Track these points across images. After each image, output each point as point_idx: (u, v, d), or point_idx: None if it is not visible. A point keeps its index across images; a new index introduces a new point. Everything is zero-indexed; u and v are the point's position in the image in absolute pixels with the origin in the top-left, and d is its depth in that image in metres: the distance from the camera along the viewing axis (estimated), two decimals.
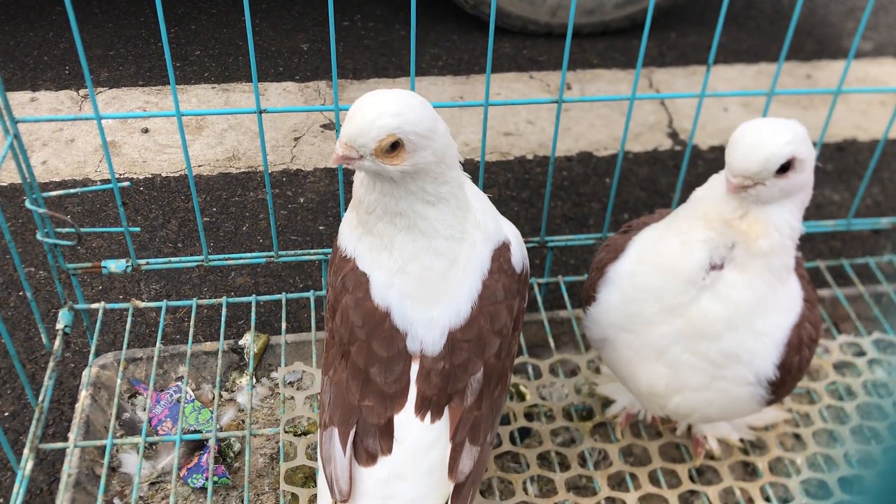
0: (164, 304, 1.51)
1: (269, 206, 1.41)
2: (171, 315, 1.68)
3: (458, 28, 2.65)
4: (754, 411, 1.22)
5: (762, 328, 1.12)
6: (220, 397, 1.47)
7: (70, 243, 1.36)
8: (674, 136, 2.29)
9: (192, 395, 1.45)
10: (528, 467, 1.33)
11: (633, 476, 1.33)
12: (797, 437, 1.43)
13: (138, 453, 1.32)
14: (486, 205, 1.04)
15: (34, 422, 1.28)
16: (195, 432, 1.38)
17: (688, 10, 2.85)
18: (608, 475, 1.33)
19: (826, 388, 1.50)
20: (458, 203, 0.98)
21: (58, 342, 1.40)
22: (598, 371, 1.50)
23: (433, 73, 2.42)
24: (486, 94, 1.34)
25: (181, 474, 1.34)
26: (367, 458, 0.98)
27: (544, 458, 1.37)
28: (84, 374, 1.41)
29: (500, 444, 1.36)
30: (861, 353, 1.58)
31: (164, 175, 2.02)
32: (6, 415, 1.48)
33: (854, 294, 1.66)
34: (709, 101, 2.40)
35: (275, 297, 1.57)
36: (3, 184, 1.94)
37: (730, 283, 1.10)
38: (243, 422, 1.43)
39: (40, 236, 1.34)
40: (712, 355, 1.13)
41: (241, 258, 1.50)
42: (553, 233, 1.93)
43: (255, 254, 1.50)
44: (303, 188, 2.02)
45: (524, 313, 1.09)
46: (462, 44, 2.58)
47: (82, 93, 2.25)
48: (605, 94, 2.44)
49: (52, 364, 1.37)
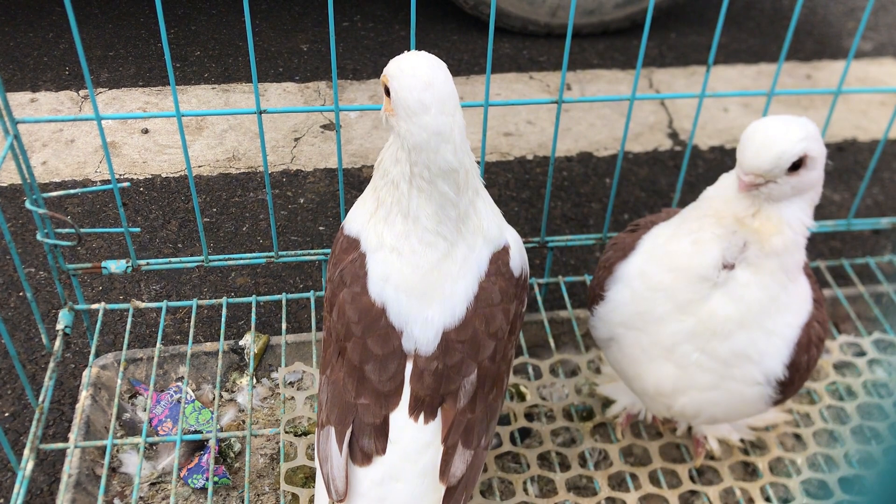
0: (164, 304, 1.51)
1: (269, 206, 1.41)
2: (172, 315, 1.68)
3: (458, 28, 2.65)
4: (761, 412, 1.22)
5: (773, 327, 1.12)
6: (221, 398, 1.47)
7: (70, 244, 1.36)
8: (674, 136, 2.29)
9: (192, 395, 1.45)
10: (529, 467, 1.33)
11: (634, 476, 1.34)
12: (797, 437, 1.43)
13: (139, 454, 1.32)
14: (493, 212, 1.04)
15: (34, 422, 1.28)
16: (195, 433, 1.38)
17: (688, 10, 2.85)
18: (608, 475, 1.33)
19: (826, 388, 1.50)
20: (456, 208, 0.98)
21: (58, 343, 1.40)
22: (598, 371, 1.50)
23: None
24: (486, 94, 1.34)
25: (181, 475, 1.35)
26: (362, 457, 0.98)
27: (545, 459, 1.37)
28: (84, 374, 1.41)
29: (500, 444, 1.36)
30: (861, 353, 1.58)
31: (164, 175, 2.02)
32: (6, 415, 1.48)
33: (854, 294, 1.66)
34: (709, 102, 2.40)
35: (275, 297, 1.57)
36: (3, 184, 1.94)
37: (743, 283, 1.10)
38: (244, 422, 1.43)
39: (40, 237, 1.34)
40: (722, 354, 1.13)
41: (241, 258, 1.50)
42: (553, 233, 1.93)
43: (256, 254, 1.50)
44: (303, 189, 2.02)
45: (523, 317, 1.09)
46: (462, 44, 2.58)
47: (82, 93, 2.25)
48: (604, 95, 2.44)
49: (52, 364, 1.37)
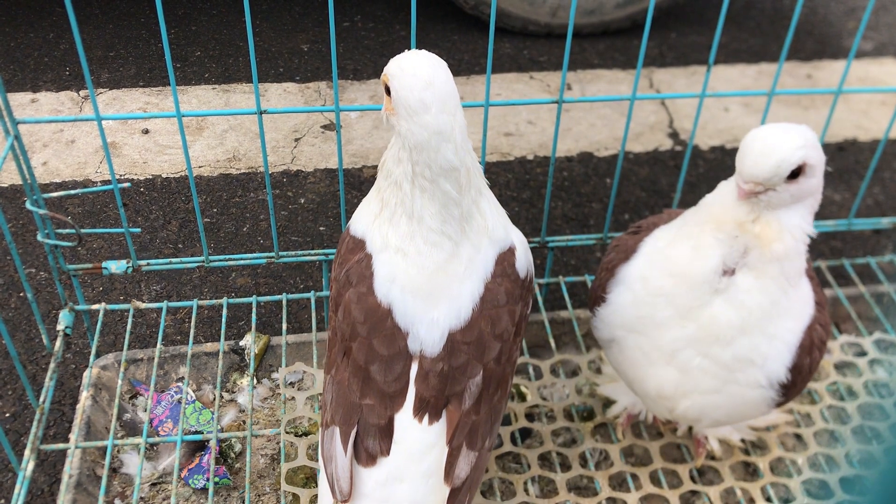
0: (164, 304, 1.51)
1: (270, 206, 1.41)
2: (172, 316, 1.68)
3: (459, 28, 2.65)
4: (763, 414, 1.22)
5: (775, 332, 1.12)
6: (221, 398, 1.47)
7: (71, 244, 1.36)
8: (674, 136, 2.29)
9: (192, 395, 1.45)
10: (530, 468, 1.33)
11: (635, 476, 1.33)
12: (798, 437, 1.43)
13: (139, 454, 1.32)
14: (498, 212, 1.04)
15: (35, 423, 1.28)
16: (196, 433, 1.38)
17: (688, 9, 2.85)
18: (609, 475, 1.33)
19: (827, 388, 1.50)
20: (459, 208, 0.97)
21: (58, 343, 1.40)
22: (599, 371, 1.50)
23: None
24: (486, 94, 1.34)
25: (182, 475, 1.34)
26: (367, 458, 0.98)
27: (545, 459, 1.37)
28: (85, 374, 1.41)
29: (501, 444, 1.36)
30: (862, 353, 1.58)
31: (164, 176, 2.02)
32: (7, 416, 1.48)
33: (855, 294, 1.66)
34: (709, 102, 2.40)
35: (275, 297, 1.57)
36: (3, 185, 1.94)
37: (744, 289, 1.09)
38: (244, 422, 1.43)
39: (41, 237, 1.34)
40: (725, 359, 1.13)
41: (241, 259, 1.50)
42: (554, 233, 1.93)
43: (256, 254, 1.50)
44: (303, 189, 2.02)
45: (527, 319, 1.09)
46: (462, 44, 2.58)
47: (83, 94, 2.25)
48: (605, 95, 2.44)
49: (52, 365, 1.37)
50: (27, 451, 1.25)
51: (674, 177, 2.14)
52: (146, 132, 2.15)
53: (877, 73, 2.64)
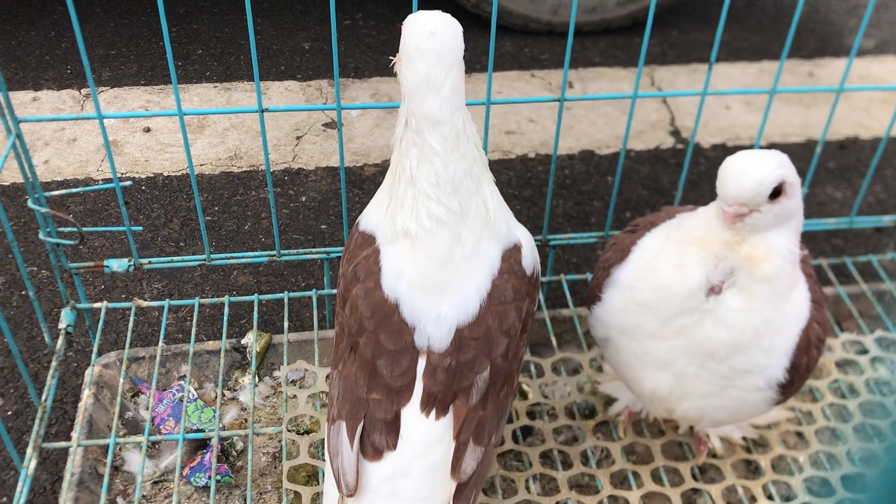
0: (166, 303, 1.52)
1: (271, 205, 1.41)
2: (174, 314, 1.68)
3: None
4: (763, 412, 1.22)
5: (771, 345, 1.12)
6: (223, 396, 1.47)
7: (72, 242, 1.36)
8: (676, 134, 2.29)
9: (194, 393, 1.45)
10: (531, 465, 1.33)
11: (636, 474, 1.34)
12: (800, 435, 1.43)
13: (141, 452, 1.32)
14: (500, 205, 1.04)
15: (37, 421, 1.28)
16: (198, 431, 1.38)
17: (689, 7, 2.85)
18: (611, 473, 1.33)
19: (828, 385, 1.50)
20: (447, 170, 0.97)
21: (60, 341, 1.41)
22: (600, 369, 1.50)
23: None
24: (487, 92, 1.34)
25: (184, 473, 1.35)
26: (373, 452, 0.99)
27: (547, 457, 1.37)
28: (87, 373, 1.42)
29: (502, 442, 1.36)
30: (863, 351, 1.58)
31: (165, 174, 2.02)
32: (9, 414, 1.49)
33: (856, 292, 1.66)
34: (711, 100, 2.40)
35: (277, 296, 1.57)
36: (5, 183, 1.94)
37: (734, 308, 1.10)
38: (246, 420, 1.43)
39: (42, 236, 1.34)
40: (721, 371, 1.14)
41: (243, 257, 1.50)
42: (555, 231, 1.93)
43: (257, 253, 1.50)
44: (304, 187, 2.02)
45: (534, 316, 1.09)
46: (463, 42, 2.57)
47: (84, 92, 2.25)
48: (606, 93, 2.43)
49: (54, 363, 1.37)
50: (29, 450, 1.25)
51: (675, 175, 2.14)
52: (148, 130, 2.15)
53: (878, 70, 2.64)
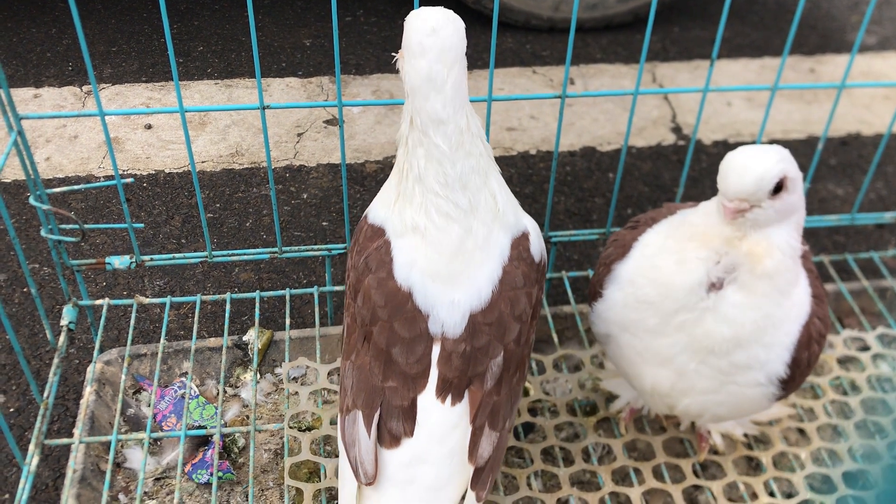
0: (168, 300, 1.52)
1: (273, 202, 1.41)
2: (175, 311, 1.68)
3: None
4: (764, 408, 1.22)
5: (772, 340, 1.12)
6: (225, 393, 1.47)
7: (74, 240, 1.36)
8: (677, 130, 2.29)
9: (196, 390, 1.46)
10: (532, 462, 1.33)
11: (637, 471, 1.34)
12: (801, 431, 1.43)
13: (143, 449, 1.32)
14: (507, 196, 1.05)
15: (39, 417, 1.28)
16: (199, 428, 1.38)
17: (691, 4, 2.84)
18: (612, 470, 1.33)
19: (830, 382, 1.50)
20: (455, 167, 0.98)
21: (62, 338, 1.41)
22: (601, 366, 1.50)
23: None
24: (489, 89, 1.34)
25: (186, 470, 1.35)
26: (390, 440, 0.99)
27: (548, 453, 1.37)
28: (88, 370, 1.42)
29: None
30: (865, 348, 1.58)
31: (167, 171, 2.02)
32: (11, 411, 1.49)
33: (858, 289, 1.66)
34: (712, 96, 2.40)
35: (278, 292, 1.57)
36: (6, 180, 1.94)
37: (735, 304, 1.10)
38: (248, 417, 1.43)
39: (44, 233, 1.34)
40: (722, 366, 1.14)
41: (244, 254, 1.50)
42: (556, 228, 1.93)
43: (259, 250, 1.50)
44: (306, 184, 2.02)
45: (541, 304, 1.10)
46: (465, 38, 2.57)
47: (85, 89, 2.25)
48: (608, 89, 2.43)
49: (56, 360, 1.37)
50: (31, 446, 1.25)
51: (677, 171, 2.13)
52: (149, 127, 2.15)
53: (880, 67, 2.63)
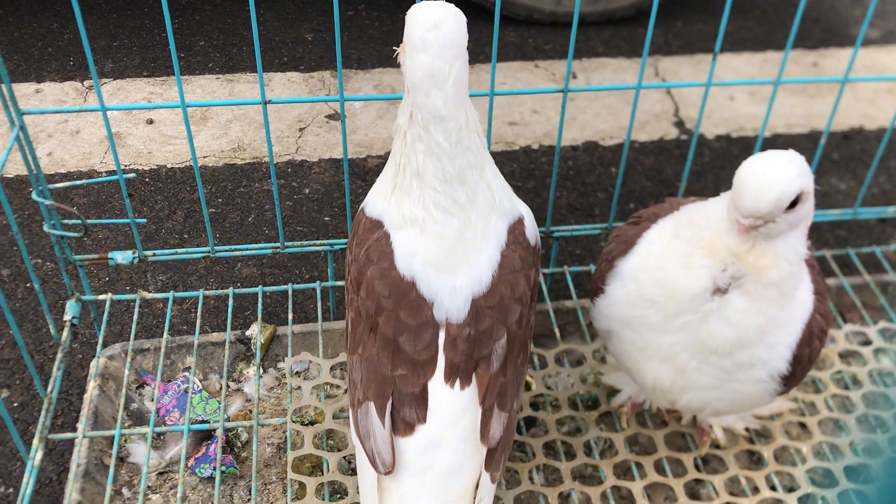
0: (170, 295, 1.52)
1: (275, 196, 1.41)
2: (178, 306, 1.68)
3: None
4: (766, 403, 1.22)
5: (774, 341, 1.12)
6: (228, 387, 1.47)
7: (77, 235, 1.36)
8: (680, 125, 2.29)
9: (199, 385, 1.46)
10: (534, 456, 1.34)
11: (639, 465, 1.34)
12: (803, 426, 1.43)
13: (146, 443, 1.32)
14: (502, 186, 1.06)
15: (43, 412, 1.29)
16: (203, 422, 1.39)
17: None
18: (614, 464, 1.33)
19: (832, 377, 1.50)
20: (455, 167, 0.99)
21: (65, 333, 1.41)
22: (603, 361, 1.50)
23: None
24: (491, 83, 1.34)
25: (189, 464, 1.35)
26: (404, 428, 1.00)
27: (550, 447, 1.37)
28: (92, 364, 1.42)
29: None
30: (867, 343, 1.58)
31: (169, 166, 2.02)
32: (15, 405, 1.49)
33: (860, 283, 1.66)
34: (715, 90, 2.39)
35: (281, 287, 1.58)
36: (9, 175, 1.94)
37: (739, 309, 1.09)
38: (251, 412, 1.43)
39: (47, 228, 1.34)
40: (725, 365, 1.14)
41: (247, 249, 1.50)
42: (558, 223, 1.93)
43: (261, 245, 1.50)
44: (308, 179, 2.02)
45: (538, 286, 1.12)
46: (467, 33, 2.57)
47: (87, 84, 2.25)
48: (610, 83, 2.43)
49: (60, 355, 1.37)
50: (35, 441, 1.26)
51: (679, 166, 2.13)
52: (151, 122, 2.15)
53: (884, 60, 2.63)
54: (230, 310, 1.50)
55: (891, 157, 2.22)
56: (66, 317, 1.43)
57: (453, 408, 1.00)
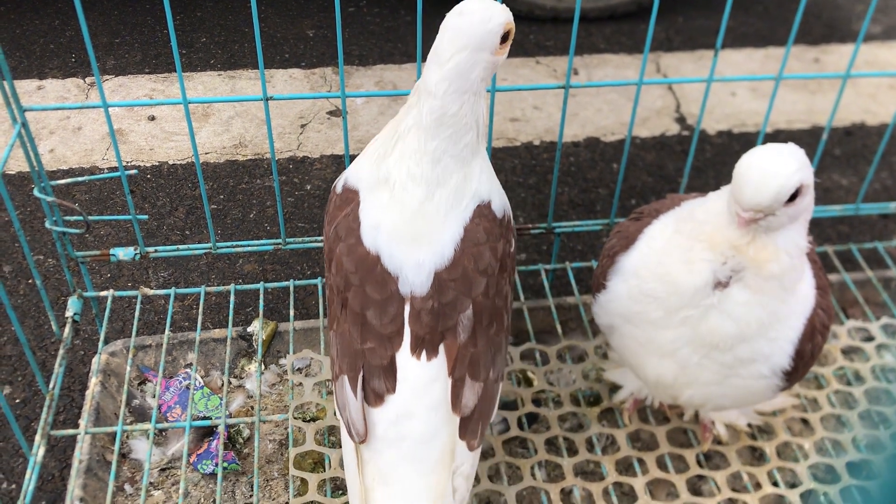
0: (172, 291, 1.52)
1: (277, 193, 1.41)
2: (180, 302, 1.68)
3: None
4: (768, 399, 1.22)
5: (776, 335, 1.12)
6: (229, 384, 1.47)
7: (78, 231, 1.36)
8: (681, 120, 2.28)
9: (201, 381, 1.46)
10: (536, 452, 1.34)
11: (641, 461, 1.34)
12: (805, 421, 1.43)
13: (148, 440, 1.33)
14: (487, 181, 1.07)
15: (45, 408, 1.29)
16: (204, 419, 1.39)
17: None
18: (616, 460, 1.33)
19: (834, 372, 1.50)
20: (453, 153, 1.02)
21: (67, 330, 1.41)
22: (605, 357, 1.50)
23: None
24: (492, 79, 1.34)
25: (191, 460, 1.35)
26: (374, 398, 1.03)
27: (552, 444, 1.37)
28: (94, 361, 1.42)
29: (507, 429, 1.37)
30: (869, 338, 1.58)
31: (170, 163, 2.02)
32: (17, 402, 1.49)
33: (862, 279, 1.66)
34: (716, 86, 2.39)
35: (283, 284, 1.58)
36: (11, 172, 1.94)
37: (740, 302, 1.09)
38: (252, 408, 1.44)
39: (49, 224, 1.34)
40: (726, 360, 1.14)
41: (248, 245, 1.50)
42: (560, 219, 1.93)
43: (263, 241, 1.50)
44: (309, 175, 2.02)
45: (513, 257, 1.13)
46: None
47: (89, 80, 2.25)
48: (612, 80, 2.43)
49: (61, 351, 1.37)
50: (38, 437, 1.26)
51: (681, 162, 2.13)
52: (152, 119, 2.15)
53: (886, 56, 2.62)
54: (232, 306, 1.50)
55: (892, 153, 2.22)
56: (68, 313, 1.43)
57: (421, 379, 1.02)
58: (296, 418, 1.37)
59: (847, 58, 2.55)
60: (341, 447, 1.32)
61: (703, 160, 2.15)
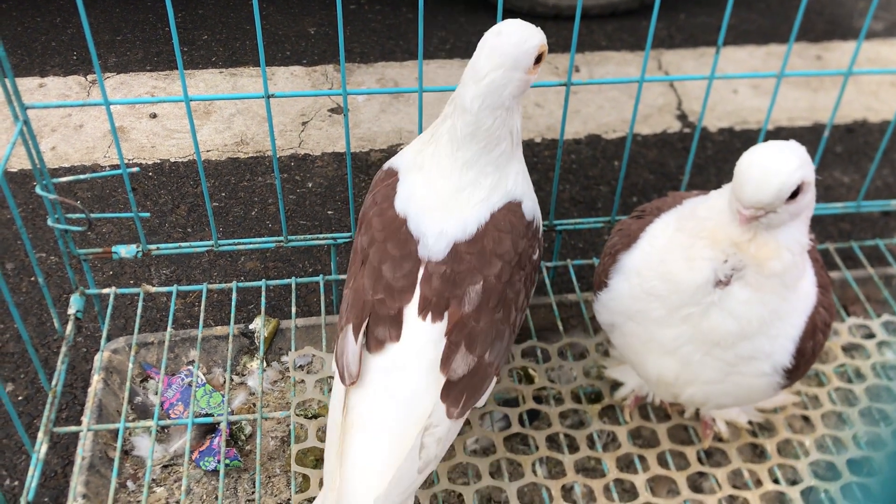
0: (174, 288, 1.52)
1: (278, 190, 1.41)
2: (182, 300, 1.69)
3: (466, 10, 2.64)
4: (769, 396, 1.22)
5: (777, 332, 1.12)
6: (231, 381, 1.48)
7: (80, 229, 1.37)
8: (683, 118, 2.28)
9: (203, 378, 1.46)
10: (537, 449, 1.34)
11: (642, 458, 1.34)
12: (806, 419, 1.43)
13: (150, 437, 1.33)
14: (524, 180, 1.14)
15: (48, 406, 1.29)
16: (207, 416, 1.39)
17: None
18: (617, 457, 1.34)
19: (835, 370, 1.50)
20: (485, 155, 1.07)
21: (70, 327, 1.41)
22: (606, 354, 1.50)
23: (441, 57, 2.42)
24: None
25: (193, 457, 1.36)
26: (375, 344, 1.06)
27: (553, 440, 1.37)
28: (96, 358, 1.43)
29: (509, 425, 1.37)
30: (870, 336, 1.58)
31: (172, 160, 2.02)
32: (20, 399, 1.50)
33: (863, 276, 1.66)
34: (718, 83, 2.39)
35: (284, 281, 1.58)
36: (13, 170, 1.95)
37: (741, 300, 1.09)
38: (254, 405, 1.44)
39: (51, 222, 1.34)
40: (728, 358, 1.14)
41: (250, 243, 1.50)
42: (561, 216, 1.93)
43: (265, 238, 1.51)
44: (311, 173, 2.02)
45: (537, 266, 1.16)
46: (469, 26, 2.57)
47: (90, 78, 2.26)
48: (613, 77, 2.43)
49: (64, 349, 1.38)
50: (40, 434, 1.26)
51: (682, 159, 2.13)
52: (154, 116, 2.15)
53: (888, 53, 2.62)
54: (234, 303, 1.51)
55: (894, 150, 2.22)
56: (71, 311, 1.44)
57: (422, 337, 1.05)
58: (298, 415, 1.37)
59: (849, 55, 2.54)
60: None
61: (705, 157, 2.15)
